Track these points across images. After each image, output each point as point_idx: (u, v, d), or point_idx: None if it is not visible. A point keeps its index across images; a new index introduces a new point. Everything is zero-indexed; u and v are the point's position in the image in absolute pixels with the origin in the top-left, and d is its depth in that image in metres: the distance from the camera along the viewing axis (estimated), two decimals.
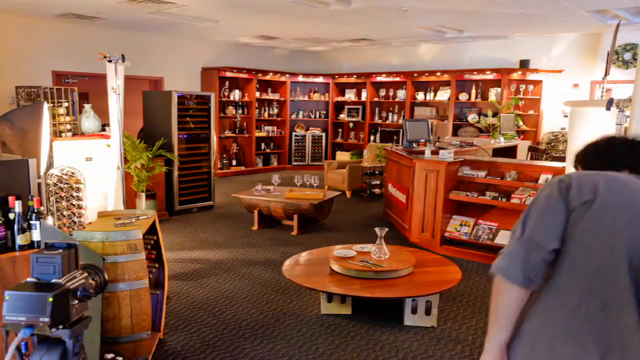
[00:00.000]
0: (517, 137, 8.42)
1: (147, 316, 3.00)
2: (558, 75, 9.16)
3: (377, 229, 4.01)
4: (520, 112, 9.45)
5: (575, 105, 6.62)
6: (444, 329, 3.67)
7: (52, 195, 4.93)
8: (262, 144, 11.64)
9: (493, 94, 9.63)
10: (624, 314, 1.30)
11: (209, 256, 5.33)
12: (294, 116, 11.97)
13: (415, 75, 10.60)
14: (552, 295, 1.39)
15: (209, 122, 7.55)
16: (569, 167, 4.77)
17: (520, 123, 9.40)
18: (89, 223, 4.87)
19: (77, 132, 5.95)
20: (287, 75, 11.64)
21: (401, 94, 10.97)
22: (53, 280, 1.35)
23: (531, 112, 9.46)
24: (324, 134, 12.00)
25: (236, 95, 10.81)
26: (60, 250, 1.39)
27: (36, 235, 2.66)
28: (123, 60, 4.41)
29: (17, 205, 2.61)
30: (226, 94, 10.69)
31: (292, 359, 3.23)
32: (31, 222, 2.65)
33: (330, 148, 12.07)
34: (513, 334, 1.44)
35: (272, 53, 11.97)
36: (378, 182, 8.31)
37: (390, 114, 11.31)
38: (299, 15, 7.46)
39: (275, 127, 11.83)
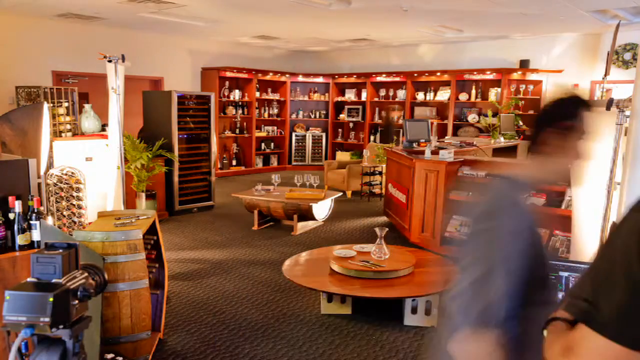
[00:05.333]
0: (517, 137, 8.42)
1: (147, 316, 3.00)
2: (558, 75, 9.15)
3: (377, 229, 4.01)
4: (520, 112, 9.45)
5: None
6: None
7: (52, 195, 4.92)
8: (262, 144, 11.64)
9: (493, 94, 9.63)
10: None
11: (209, 256, 5.33)
12: (294, 116, 11.97)
13: (415, 75, 10.60)
14: None
15: (209, 122, 7.55)
16: None
17: (520, 123, 9.40)
18: (89, 223, 4.86)
19: (77, 132, 5.95)
20: (287, 75, 11.64)
21: (401, 94, 10.97)
22: (53, 280, 1.35)
23: (531, 112, 9.46)
24: (324, 134, 12.00)
25: (236, 95, 10.81)
26: (61, 250, 1.39)
27: (36, 235, 2.66)
28: (123, 60, 4.41)
29: (17, 205, 2.61)
30: (226, 94, 10.68)
31: (292, 359, 3.23)
32: (31, 222, 2.65)
33: (330, 148, 12.07)
34: None
35: (272, 53, 11.97)
36: (378, 182, 8.30)
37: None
38: (299, 15, 7.45)
39: (275, 127, 11.83)
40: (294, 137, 11.84)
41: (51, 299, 1.27)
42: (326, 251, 4.40)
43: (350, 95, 11.90)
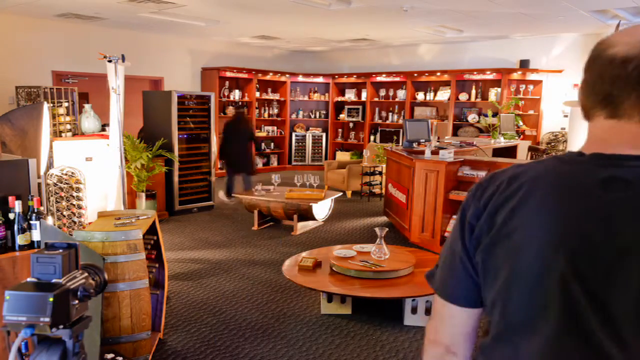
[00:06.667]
0: (517, 137, 8.42)
1: (147, 316, 3.00)
2: (558, 75, 9.16)
3: (377, 229, 4.01)
4: (520, 112, 9.45)
5: (575, 105, 6.63)
6: None
7: (52, 195, 4.92)
8: (262, 144, 11.64)
9: (493, 94, 9.63)
10: None
11: (209, 256, 5.33)
12: (294, 116, 11.97)
13: (415, 75, 10.60)
14: None
15: (209, 122, 7.55)
16: None
17: (520, 123, 9.40)
18: (89, 223, 4.86)
19: (77, 132, 5.95)
20: (287, 75, 11.64)
21: (401, 94, 10.97)
22: (53, 280, 1.35)
23: (531, 112, 9.47)
24: (324, 134, 12.00)
25: (236, 95, 10.81)
26: (61, 250, 1.39)
27: (36, 235, 2.66)
28: (123, 60, 4.41)
29: (17, 205, 2.61)
30: (226, 94, 10.69)
31: (292, 359, 3.23)
32: (31, 222, 2.65)
33: (331, 148, 12.07)
34: None
35: (272, 53, 11.97)
36: (378, 182, 8.31)
37: (390, 114, 11.31)
38: (299, 15, 7.45)
39: (275, 127, 11.83)
40: (294, 137, 11.84)
41: (51, 299, 1.27)
42: (326, 251, 4.40)
43: (350, 95, 11.90)
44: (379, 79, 11.19)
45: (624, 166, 0.80)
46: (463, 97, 10.05)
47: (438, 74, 10.26)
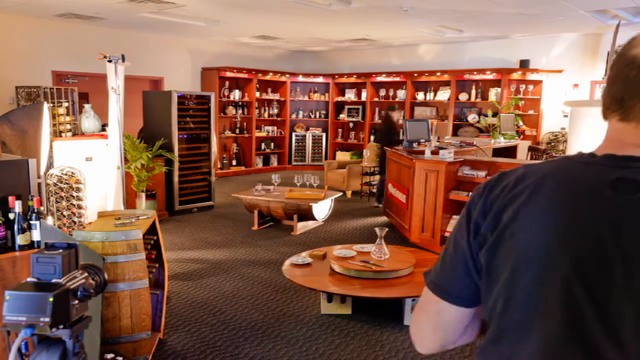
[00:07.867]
0: (517, 137, 8.42)
1: (147, 316, 3.00)
2: (558, 75, 9.16)
3: (377, 229, 4.01)
4: (520, 112, 9.45)
5: (575, 105, 6.63)
6: None
7: (52, 195, 4.92)
8: (262, 144, 11.64)
9: (493, 94, 9.63)
10: None
11: (209, 256, 5.33)
12: (294, 116, 11.97)
13: (415, 75, 10.60)
14: None
15: (209, 122, 7.55)
16: None
17: (520, 123, 9.40)
18: (89, 223, 4.86)
19: (77, 132, 5.95)
20: (287, 75, 11.64)
21: (401, 94, 10.97)
22: (53, 280, 1.34)
23: (531, 112, 9.47)
24: (324, 134, 11.99)
25: (236, 95, 10.81)
26: (61, 250, 1.39)
27: (36, 235, 2.66)
28: (123, 60, 4.41)
29: (17, 205, 2.61)
30: (226, 94, 10.68)
31: (292, 359, 3.23)
32: (31, 222, 2.65)
33: (330, 148, 12.07)
34: None
35: (272, 53, 11.97)
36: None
37: None
38: (299, 15, 7.45)
39: (275, 127, 11.83)
40: (294, 137, 11.84)
41: (51, 299, 1.27)
42: (326, 251, 4.40)
43: (350, 95, 11.90)
44: (379, 79, 11.19)
45: (635, 167, 0.79)
46: (463, 97, 10.05)
47: (438, 74, 10.26)
